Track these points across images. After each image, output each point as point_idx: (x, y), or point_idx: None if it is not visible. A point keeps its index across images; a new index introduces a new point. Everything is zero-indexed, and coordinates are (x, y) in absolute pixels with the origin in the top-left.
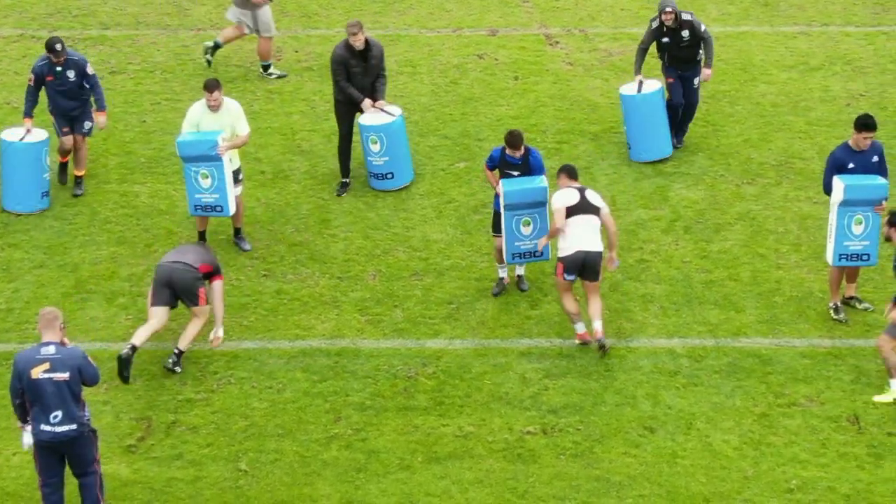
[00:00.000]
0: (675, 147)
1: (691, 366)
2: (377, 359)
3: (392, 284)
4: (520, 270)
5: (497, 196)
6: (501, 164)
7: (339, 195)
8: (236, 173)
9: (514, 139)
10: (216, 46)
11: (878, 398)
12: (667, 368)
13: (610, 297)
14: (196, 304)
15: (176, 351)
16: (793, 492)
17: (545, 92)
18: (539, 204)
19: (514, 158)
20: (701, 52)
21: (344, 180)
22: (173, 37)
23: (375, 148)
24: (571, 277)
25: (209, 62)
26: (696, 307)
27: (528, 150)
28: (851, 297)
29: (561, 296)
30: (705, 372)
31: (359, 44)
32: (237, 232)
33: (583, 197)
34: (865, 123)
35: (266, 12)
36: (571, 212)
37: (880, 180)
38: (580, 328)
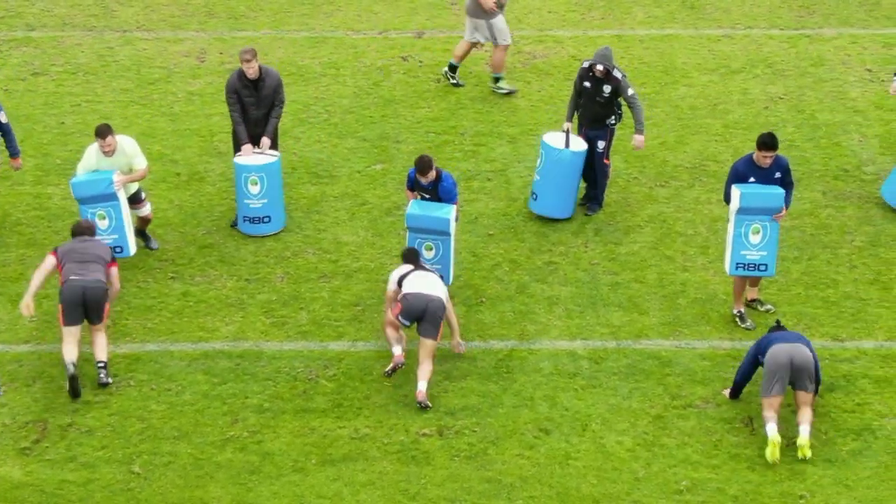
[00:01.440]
0: (587, 214)
1: (591, 367)
2: (279, 361)
3: (299, 286)
4: None
5: None
6: (416, 187)
7: None
8: (137, 195)
9: (421, 164)
10: (453, 68)
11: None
12: (567, 370)
13: (516, 299)
14: (101, 321)
15: (101, 364)
16: (682, 493)
17: (466, 94)
18: (441, 233)
19: (425, 183)
20: (613, 118)
21: None
22: (98, 38)
23: (255, 189)
24: (406, 323)
25: (457, 84)
26: (600, 309)
27: (440, 176)
28: (754, 300)
29: (385, 325)
30: (604, 374)
31: (252, 72)
32: (141, 232)
33: (417, 267)
34: (765, 143)
35: (501, 20)
36: (404, 277)
37: (777, 190)
38: (396, 350)
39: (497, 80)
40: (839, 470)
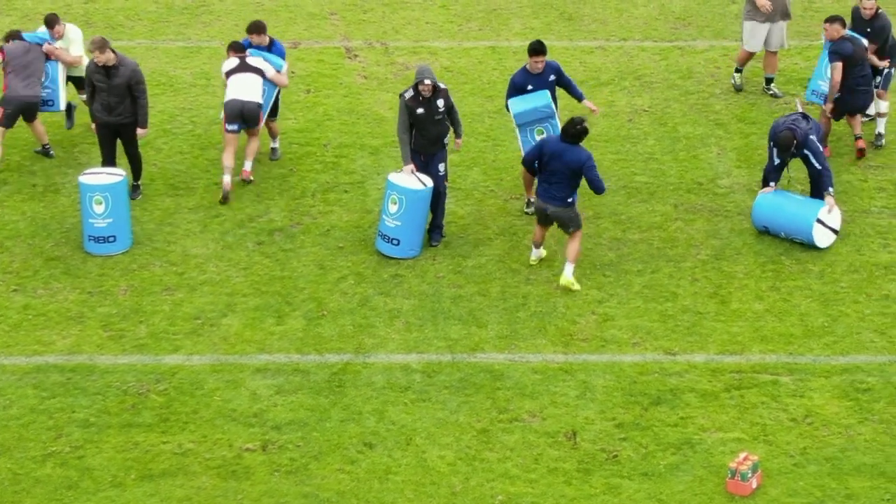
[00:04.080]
0: (432, 245)
1: (423, 381)
2: (111, 375)
3: (142, 299)
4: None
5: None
6: None
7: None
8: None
9: (256, 26)
10: (768, 81)
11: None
12: (399, 384)
13: (357, 312)
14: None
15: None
16: None
17: (334, 105)
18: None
19: (261, 47)
20: (447, 135)
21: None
22: None
23: (100, 209)
24: (234, 127)
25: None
26: (440, 322)
27: (272, 41)
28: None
29: (224, 148)
30: (436, 387)
31: (101, 60)
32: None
33: (241, 62)
34: (535, 49)
35: (750, 25)
36: (230, 74)
37: (542, 97)
38: (226, 178)
39: (769, 80)
40: (654, 484)
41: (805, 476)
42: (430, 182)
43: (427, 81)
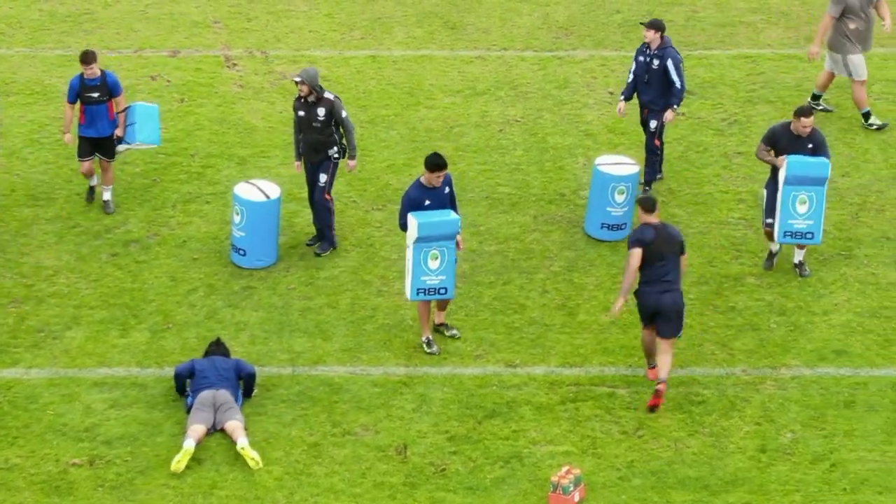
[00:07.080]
0: (317, 254)
1: (261, 395)
2: None
3: None
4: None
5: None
6: (82, 90)
7: None
8: None
9: (86, 56)
10: (815, 97)
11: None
12: None
13: (203, 325)
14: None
15: None
16: None
17: (207, 115)
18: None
19: (93, 80)
20: (335, 147)
21: None
22: None
23: None
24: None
25: (826, 109)
26: (285, 335)
27: (104, 73)
28: (441, 324)
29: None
30: (272, 401)
31: None
32: None
33: None
34: (437, 164)
35: (859, 57)
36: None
37: (452, 215)
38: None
39: (867, 116)
40: (479, 498)
41: (629, 489)
42: (274, 193)
43: (297, 79)
